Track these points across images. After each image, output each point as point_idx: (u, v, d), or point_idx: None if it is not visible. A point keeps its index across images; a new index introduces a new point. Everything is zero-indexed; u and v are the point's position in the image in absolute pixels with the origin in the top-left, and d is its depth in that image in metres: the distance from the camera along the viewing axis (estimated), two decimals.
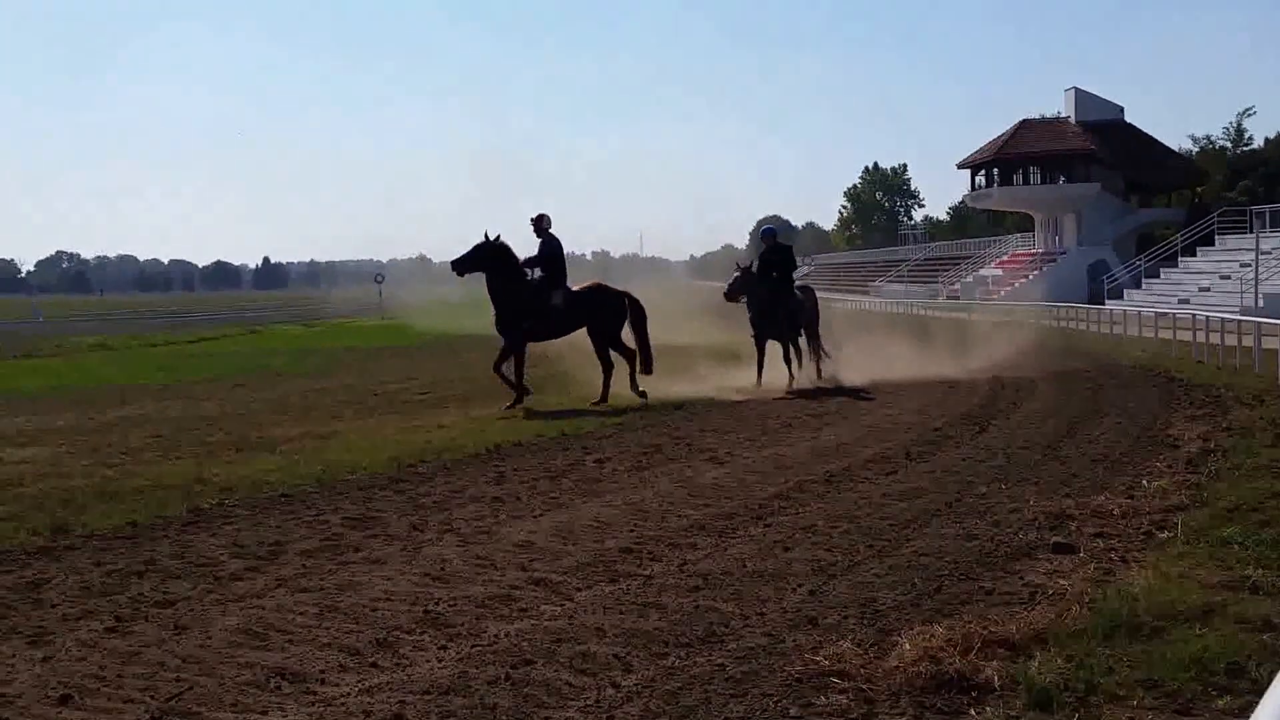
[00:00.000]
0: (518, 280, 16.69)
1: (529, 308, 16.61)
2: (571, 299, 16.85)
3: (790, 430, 14.16)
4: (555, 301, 16.66)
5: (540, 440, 13.51)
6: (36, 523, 9.01)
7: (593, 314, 16.98)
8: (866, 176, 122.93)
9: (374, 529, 8.81)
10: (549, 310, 16.66)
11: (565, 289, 16.87)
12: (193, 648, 5.99)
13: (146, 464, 11.99)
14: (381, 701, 5.20)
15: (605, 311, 17.07)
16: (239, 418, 16.14)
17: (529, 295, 16.67)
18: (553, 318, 16.76)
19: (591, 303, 17.02)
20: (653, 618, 6.40)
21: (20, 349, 34.29)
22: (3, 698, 5.30)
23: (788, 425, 14.62)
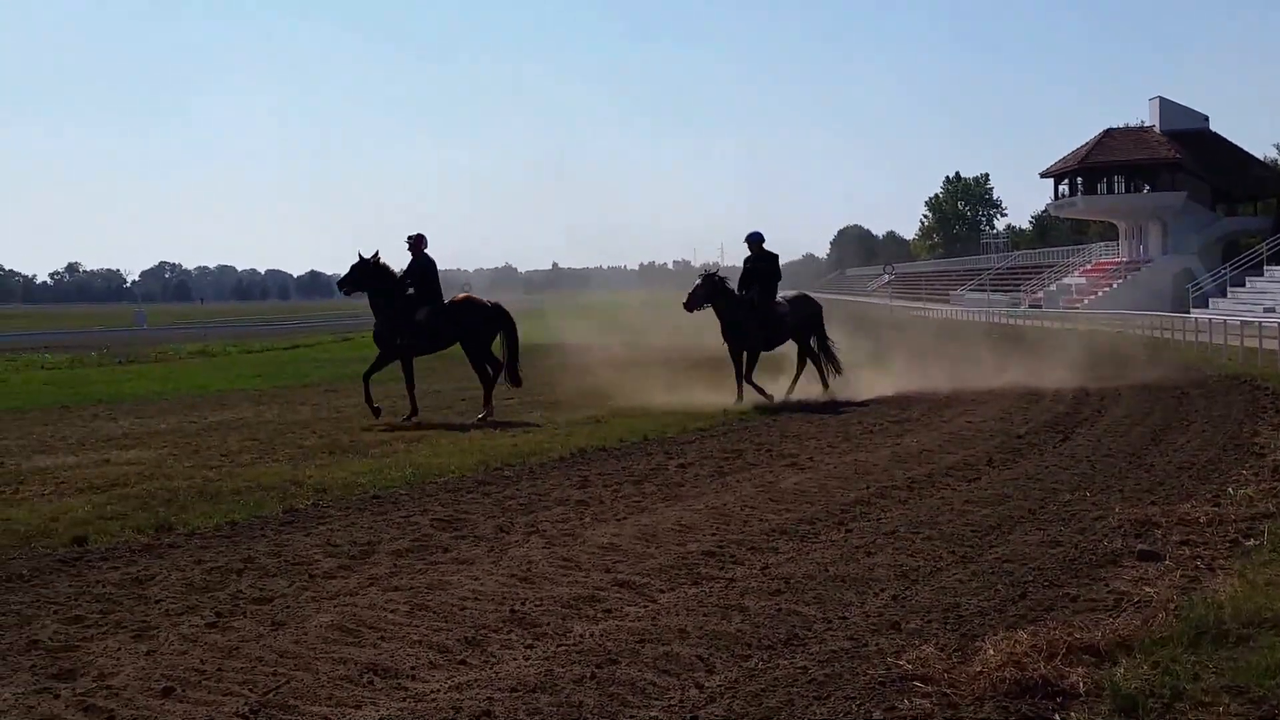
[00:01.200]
0: (393, 297, 17.13)
1: (400, 324, 17.06)
2: (441, 313, 17.16)
3: (872, 436, 14.14)
4: (419, 317, 17.00)
5: (623, 445, 13.64)
6: (141, 521, 9.33)
7: (462, 326, 17.30)
8: (948, 186, 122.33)
9: (462, 530, 8.99)
10: (416, 325, 17.05)
11: (434, 305, 17.16)
12: (289, 643, 6.19)
13: (245, 466, 12.34)
14: (471, 698, 5.34)
15: (474, 323, 17.37)
16: (332, 422, 16.50)
17: (400, 312, 17.10)
18: (422, 332, 17.12)
19: (461, 315, 17.33)
20: (735, 620, 6.48)
21: (125, 355, 35.31)
22: (109, 689, 5.52)
23: (869, 431, 14.59)
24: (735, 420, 15.93)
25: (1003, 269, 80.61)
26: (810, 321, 19.19)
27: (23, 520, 9.38)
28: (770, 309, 18.59)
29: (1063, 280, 67.46)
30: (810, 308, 19.48)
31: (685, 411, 16.47)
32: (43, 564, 8.04)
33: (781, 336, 18.98)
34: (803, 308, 19.32)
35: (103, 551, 8.41)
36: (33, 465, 12.63)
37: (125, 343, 39.16)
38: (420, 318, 16.97)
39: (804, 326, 19.11)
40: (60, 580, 7.60)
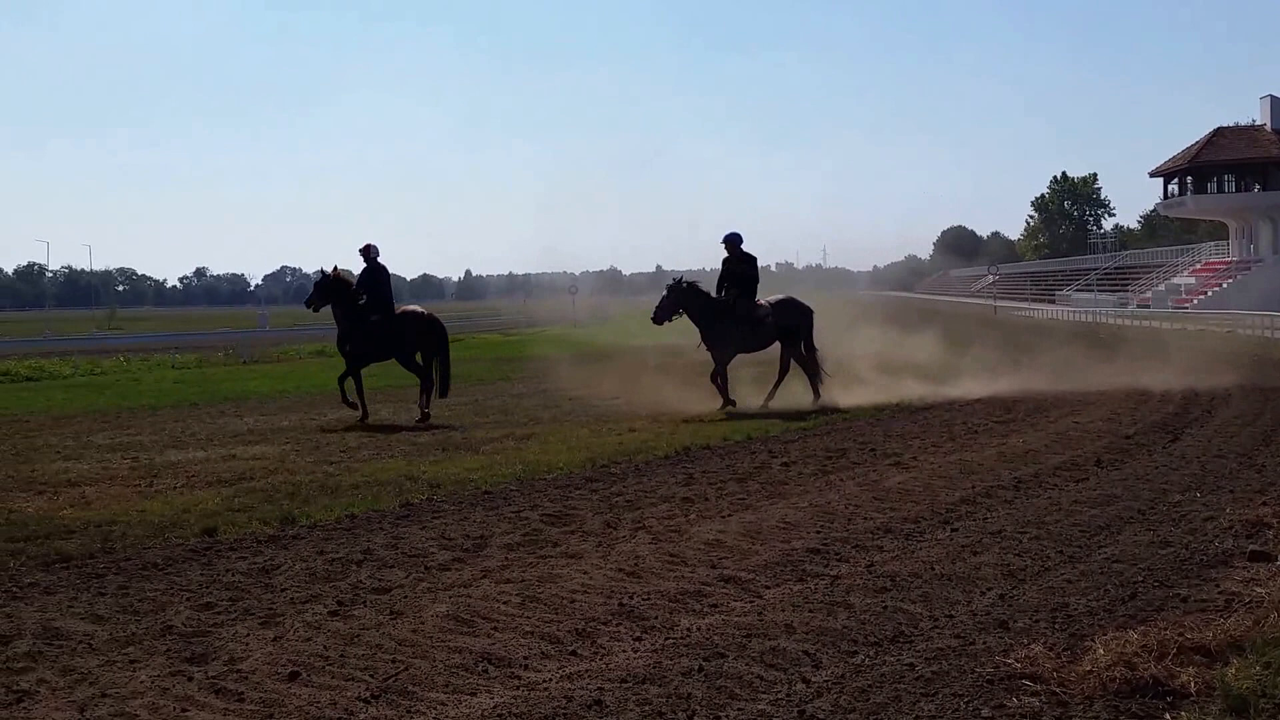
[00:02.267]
0: (351, 307, 17.84)
1: (352, 331, 17.79)
2: (387, 323, 17.78)
3: (976, 436, 14.04)
4: (373, 319, 17.69)
5: (727, 444, 13.75)
6: (266, 514, 9.72)
7: (411, 336, 17.95)
8: (1055, 186, 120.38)
9: (570, 525, 9.19)
10: (368, 331, 17.70)
11: (384, 313, 17.79)
12: (407, 632, 6.42)
13: (363, 462, 12.73)
14: (581, 688, 5.50)
15: (409, 332, 17.95)
16: (443, 420, 16.85)
17: (354, 319, 17.80)
18: (372, 337, 17.74)
19: (400, 325, 17.95)
20: (841, 617, 6.56)
21: (249, 355, 36.40)
22: (239, 673, 5.80)
23: (973, 431, 14.49)
24: (838, 420, 15.92)
25: (1110, 269, 78.87)
26: (797, 327, 18.40)
27: (157, 512, 9.83)
28: (749, 311, 18.06)
29: (1171, 280, 65.87)
30: (796, 312, 18.60)
31: (787, 412, 16.49)
32: (175, 553, 8.44)
33: (762, 340, 18.39)
34: (788, 312, 18.49)
35: (231, 542, 8.80)
36: (165, 459, 13.19)
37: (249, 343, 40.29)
38: (374, 319, 17.70)
39: (790, 331, 18.36)
40: (192, 569, 7.97)
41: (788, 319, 18.28)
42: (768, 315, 18.11)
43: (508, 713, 5.23)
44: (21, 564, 8.15)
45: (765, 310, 18.19)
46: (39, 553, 8.42)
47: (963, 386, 19.57)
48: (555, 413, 17.62)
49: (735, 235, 18.22)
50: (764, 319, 18.03)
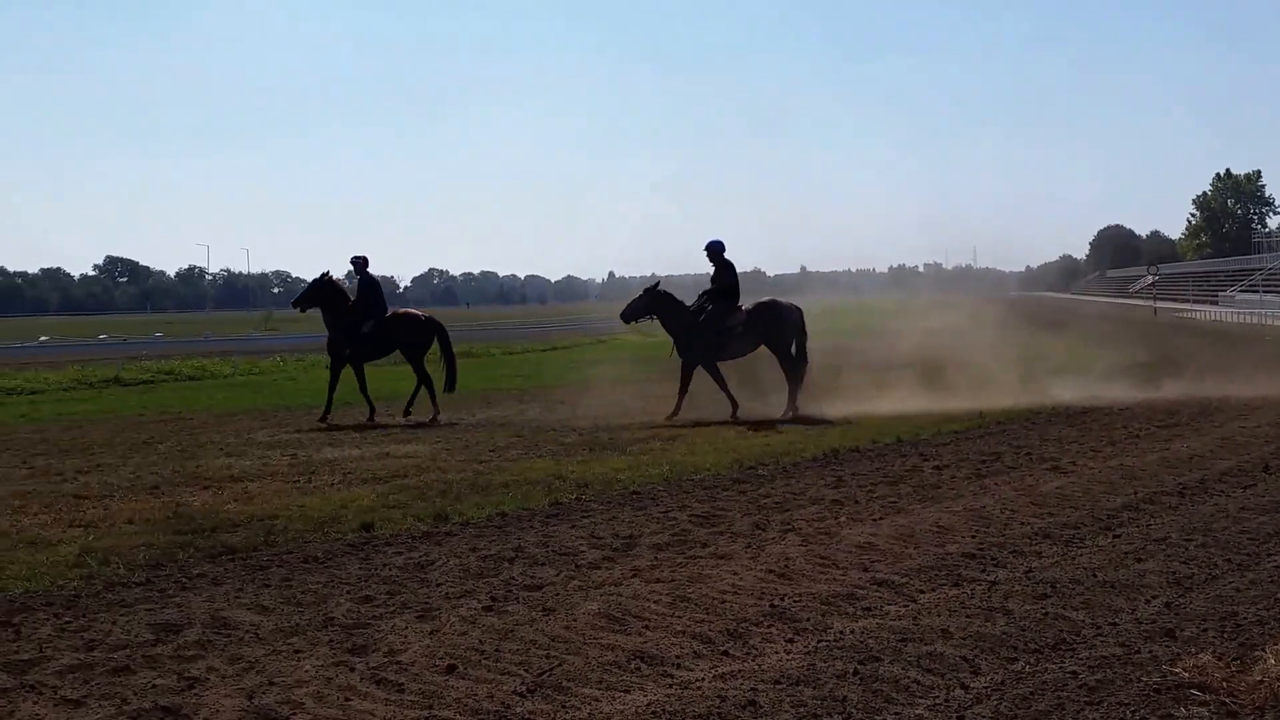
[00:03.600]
0: (343, 312, 18.74)
1: (349, 335, 18.63)
2: (382, 325, 18.78)
3: (1138, 441, 13.56)
4: (365, 329, 18.64)
5: (876, 446, 13.55)
6: (420, 511, 9.91)
7: (399, 337, 18.95)
8: (1218, 183, 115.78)
9: (719, 526, 9.17)
10: (362, 336, 18.66)
11: (378, 318, 18.77)
12: (559, 628, 6.48)
13: (512, 461, 12.90)
14: (735, 688, 5.48)
15: (409, 334, 18.96)
16: (590, 420, 16.97)
17: (348, 324, 18.67)
18: (367, 342, 18.79)
19: (397, 328, 18.92)
20: (999, 622, 6.40)
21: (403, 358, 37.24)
22: (398, 664, 5.93)
23: (1134, 436, 14.00)
24: (991, 423, 15.57)
25: (1276, 269, 75.43)
26: (779, 329, 17.70)
27: (316, 507, 10.12)
28: (718, 319, 17.58)
29: None
30: (775, 316, 17.83)
31: (941, 414, 16.18)
32: (335, 547, 8.67)
33: (741, 346, 17.83)
34: (765, 316, 17.78)
35: (387, 537, 9.00)
36: (322, 457, 13.58)
37: None
38: (366, 330, 18.64)
39: (773, 334, 17.73)
40: (351, 563, 8.18)
41: (765, 323, 17.71)
42: (739, 323, 17.59)
43: (661, 710, 5.23)
44: (190, 556, 8.46)
45: (738, 317, 17.65)
46: (206, 545, 8.74)
47: (1122, 390, 18.95)
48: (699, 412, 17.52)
49: (716, 243, 17.93)
50: (734, 326, 17.55)
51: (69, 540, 8.97)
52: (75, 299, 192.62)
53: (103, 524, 9.64)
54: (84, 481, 12.02)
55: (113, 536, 9.09)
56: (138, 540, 8.90)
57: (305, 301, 19.14)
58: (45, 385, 26.36)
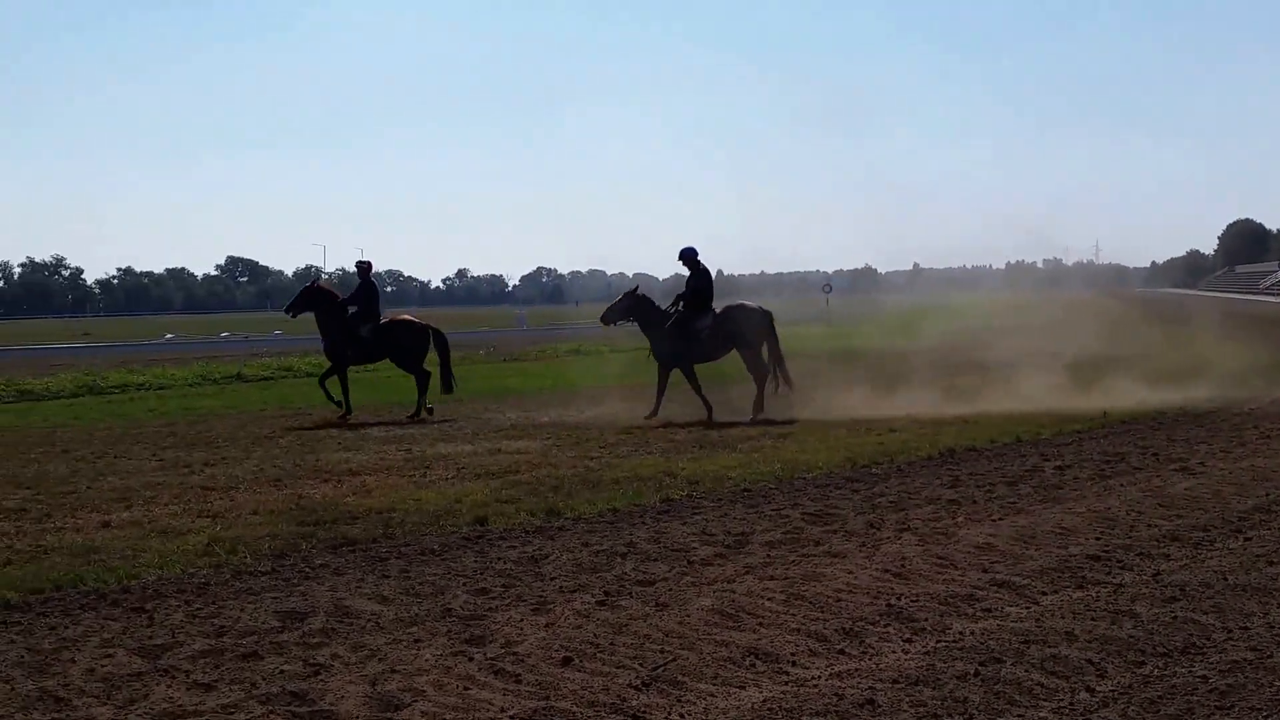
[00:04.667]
0: (338, 316, 19.36)
1: (347, 338, 19.21)
2: (378, 330, 19.34)
3: (1269, 442, 13.09)
4: (363, 333, 19.23)
5: (994, 445, 13.31)
6: (533, 505, 10.01)
7: (397, 342, 19.49)
8: None
9: (832, 525, 9.08)
10: (360, 339, 19.21)
11: (374, 322, 19.35)
12: (673, 624, 6.48)
13: (622, 458, 12.95)
14: (852, 687, 5.42)
15: (406, 340, 19.53)
16: (695, 417, 16.95)
17: (345, 328, 19.26)
18: (364, 346, 19.36)
19: (395, 333, 19.50)
20: (1126, 625, 6.24)
21: (508, 353, 37.72)
22: (515, 655, 5.99)
23: (1266, 436, 13.52)
24: (1115, 423, 15.18)
25: None
26: (745, 332, 17.73)
27: (431, 501, 10.27)
28: (686, 323, 17.83)
29: None
30: (741, 319, 17.88)
31: (1061, 413, 15.81)
32: (450, 540, 8.79)
33: (712, 349, 18.01)
34: (732, 319, 17.87)
35: (501, 531, 9.11)
36: (436, 452, 13.78)
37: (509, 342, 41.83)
38: (364, 333, 19.23)
39: (738, 337, 17.80)
40: (466, 556, 8.29)
41: (732, 325, 17.82)
42: (705, 326, 17.80)
43: (778, 707, 5.20)
44: (312, 546, 8.66)
45: (705, 320, 17.87)
46: (327, 536, 8.93)
47: (1253, 390, 18.32)
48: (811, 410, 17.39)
49: (688, 250, 18.26)
50: (701, 330, 17.78)
51: (198, 530, 9.24)
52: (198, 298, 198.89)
53: (229, 515, 9.91)
54: (210, 474, 12.38)
55: (239, 527, 9.34)
56: (262, 531, 9.13)
57: (297, 307, 19.81)
58: (172, 381, 27.20)
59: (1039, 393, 18.00)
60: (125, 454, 14.33)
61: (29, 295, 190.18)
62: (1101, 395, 17.61)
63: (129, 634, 6.53)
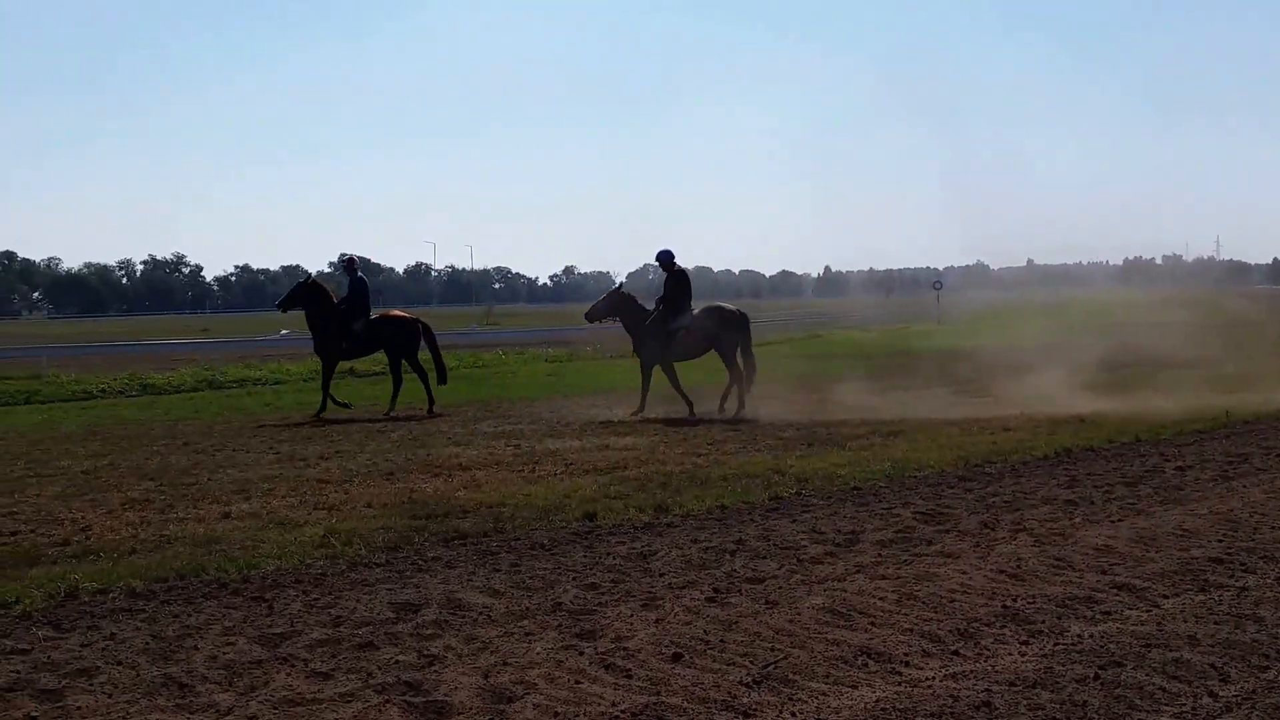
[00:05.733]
0: (329, 313, 19.75)
1: (339, 334, 19.66)
2: (370, 326, 19.80)
3: None
4: (356, 328, 19.68)
5: (1112, 445, 13.00)
6: (641, 501, 10.03)
7: (386, 338, 19.95)
8: None
9: (945, 524, 8.96)
10: (352, 335, 19.69)
11: (365, 318, 19.80)
12: (783, 622, 6.45)
13: (730, 455, 12.91)
14: (968, 688, 5.34)
15: (397, 336, 19.98)
16: (805, 415, 16.83)
17: (338, 324, 19.67)
18: (356, 341, 19.83)
19: (385, 328, 19.94)
20: (1250, 630, 6.06)
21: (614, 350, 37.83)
22: (625, 650, 6.00)
23: None
24: (1238, 423, 14.71)
25: None
26: (722, 332, 18.18)
27: (540, 496, 10.36)
28: (664, 323, 18.35)
29: None
30: (718, 320, 18.33)
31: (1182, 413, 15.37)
32: (560, 535, 8.86)
33: (690, 349, 18.47)
34: (710, 320, 18.34)
35: (610, 527, 9.15)
36: (545, 447, 13.90)
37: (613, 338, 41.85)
38: (357, 329, 19.69)
39: (715, 337, 18.25)
40: (576, 551, 8.35)
41: (710, 326, 18.30)
42: (681, 327, 18.29)
43: (892, 708, 5.14)
44: (425, 539, 8.79)
45: (682, 321, 18.36)
46: (439, 530, 9.06)
47: None
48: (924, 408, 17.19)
49: (665, 253, 18.66)
50: (677, 330, 18.26)
51: (314, 522, 9.45)
52: None
53: (344, 507, 10.12)
54: (325, 467, 12.65)
55: (353, 519, 9.52)
56: (376, 523, 9.30)
57: (288, 303, 20.24)
58: (287, 376, 27.85)
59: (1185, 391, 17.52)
60: (243, 447, 14.71)
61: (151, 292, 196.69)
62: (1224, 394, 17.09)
63: (249, 622, 6.70)
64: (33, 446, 15.42)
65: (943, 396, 18.78)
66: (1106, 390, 18.02)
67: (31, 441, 16.07)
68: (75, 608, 7.11)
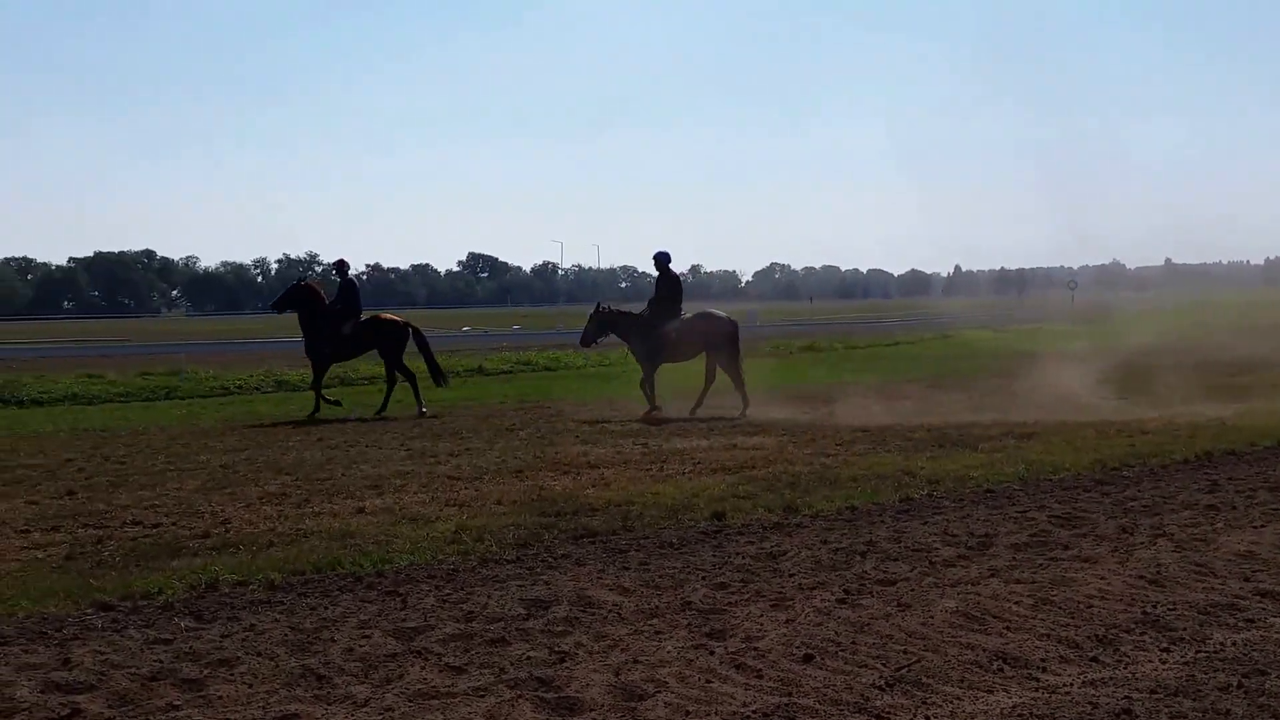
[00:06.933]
0: (321, 314, 20.06)
1: (329, 335, 19.96)
2: (359, 328, 20.12)
3: None
4: (345, 330, 19.99)
5: (1255, 449, 12.59)
6: (769, 501, 10.02)
7: (376, 340, 20.31)
8: None
9: (1081, 528, 8.77)
10: (341, 337, 20.01)
11: (355, 320, 20.10)
12: (916, 625, 6.39)
13: (858, 455, 12.81)
14: (1107, 695, 5.23)
15: (385, 338, 20.32)
16: (937, 415, 16.58)
17: (328, 326, 19.99)
18: (346, 343, 20.16)
19: (374, 330, 20.30)
20: None
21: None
22: (755, 650, 6.01)
23: None
24: None
25: None
26: (711, 337, 18.67)
27: (669, 495, 10.41)
28: (657, 326, 18.72)
29: None
30: (710, 325, 18.84)
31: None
32: (688, 535, 8.90)
33: (683, 351, 18.89)
34: (702, 324, 18.84)
35: (739, 527, 9.16)
36: (672, 446, 13.95)
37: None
38: (346, 331, 20.01)
39: (705, 341, 18.74)
40: (704, 550, 8.37)
41: (701, 329, 18.74)
42: (671, 330, 18.66)
43: (1029, 714, 5.06)
44: (554, 537, 8.90)
45: (672, 325, 18.73)
46: (568, 527, 9.17)
47: None
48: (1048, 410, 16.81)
49: (662, 254, 19.17)
50: (668, 333, 18.64)
51: (445, 518, 9.64)
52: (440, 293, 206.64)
53: (474, 504, 10.30)
54: (456, 464, 12.88)
55: (484, 516, 9.70)
56: (506, 520, 9.46)
57: (283, 304, 20.68)
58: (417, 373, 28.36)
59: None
60: (376, 443, 15.07)
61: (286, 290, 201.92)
62: None
63: (384, 616, 6.87)
64: (173, 441, 16.02)
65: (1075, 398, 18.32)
66: (1243, 393, 17.43)
67: (172, 436, 16.70)
68: (216, 599, 7.37)
